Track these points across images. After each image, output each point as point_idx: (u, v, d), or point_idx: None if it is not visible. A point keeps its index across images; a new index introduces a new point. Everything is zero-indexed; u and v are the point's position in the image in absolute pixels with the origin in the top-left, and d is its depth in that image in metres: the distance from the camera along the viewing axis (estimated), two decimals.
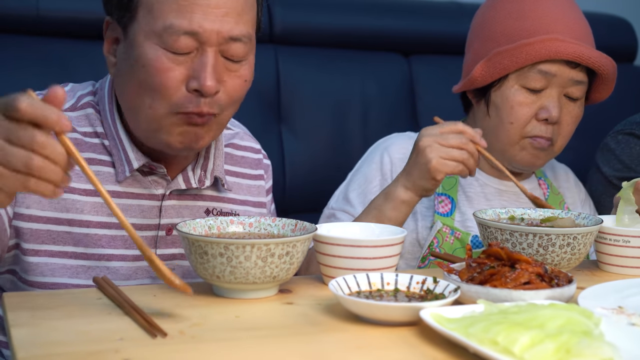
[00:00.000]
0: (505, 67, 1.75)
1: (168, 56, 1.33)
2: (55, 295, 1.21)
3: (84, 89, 1.51)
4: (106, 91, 1.48)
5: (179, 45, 1.32)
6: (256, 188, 1.64)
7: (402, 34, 2.57)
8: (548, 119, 1.74)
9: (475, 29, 1.87)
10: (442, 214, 1.79)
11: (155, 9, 1.32)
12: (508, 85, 1.77)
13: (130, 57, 1.36)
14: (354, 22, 2.55)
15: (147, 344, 1.00)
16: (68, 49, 2.24)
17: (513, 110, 1.76)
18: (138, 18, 1.34)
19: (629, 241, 1.44)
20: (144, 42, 1.33)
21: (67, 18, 2.25)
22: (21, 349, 0.96)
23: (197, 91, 1.34)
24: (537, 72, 1.74)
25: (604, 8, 2.93)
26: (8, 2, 2.20)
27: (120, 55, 1.39)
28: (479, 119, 1.84)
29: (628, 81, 2.79)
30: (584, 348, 0.92)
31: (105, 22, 1.41)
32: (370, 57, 2.53)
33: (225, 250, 1.15)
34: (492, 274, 1.18)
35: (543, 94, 1.76)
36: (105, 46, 1.42)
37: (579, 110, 1.81)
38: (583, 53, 1.72)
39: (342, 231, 1.37)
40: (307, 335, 1.06)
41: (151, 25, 1.33)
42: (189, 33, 1.32)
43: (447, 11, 2.65)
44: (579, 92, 1.78)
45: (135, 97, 1.37)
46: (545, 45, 1.71)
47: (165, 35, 1.32)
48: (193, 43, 1.33)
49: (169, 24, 1.32)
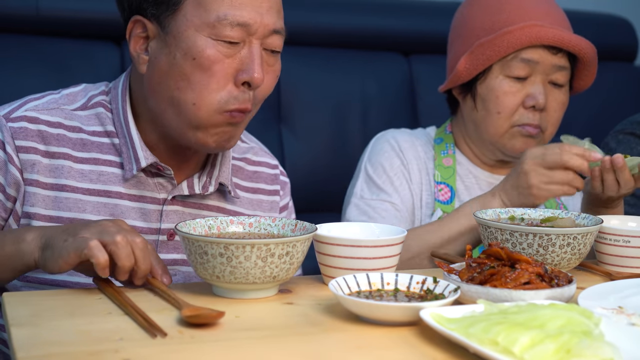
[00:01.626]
0: (489, 57, 1.78)
1: (219, 48, 1.36)
2: (55, 295, 1.21)
3: (96, 89, 1.52)
4: (120, 90, 1.48)
5: (233, 35, 1.36)
6: (269, 203, 1.63)
7: (402, 34, 2.58)
8: (535, 105, 1.78)
9: (456, 28, 1.91)
10: (443, 201, 1.83)
11: (207, 2, 1.36)
12: (492, 76, 1.80)
13: (175, 51, 1.37)
14: (354, 22, 2.55)
15: (147, 344, 1.00)
16: (68, 49, 2.24)
17: (499, 100, 1.79)
18: (184, 12, 1.36)
19: (629, 241, 1.44)
20: (194, 34, 1.36)
21: (67, 18, 2.25)
22: (21, 349, 0.96)
23: (245, 84, 1.38)
24: (520, 60, 1.77)
25: (604, 8, 2.93)
26: (8, 2, 2.20)
27: (155, 51, 1.40)
28: (467, 114, 1.88)
29: (628, 81, 2.79)
30: (584, 348, 0.92)
31: (131, 22, 1.41)
32: (370, 57, 2.53)
33: (225, 250, 1.15)
34: (492, 274, 1.18)
35: (528, 82, 1.79)
36: (132, 45, 1.42)
37: (565, 97, 1.84)
38: (563, 37, 1.76)
39: (342, 231, 1.37)
40: (307, 335, 1.06)
41: (203, 17, 1.35)
42: (241, 24, 1.36)
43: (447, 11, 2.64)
44: (563, 77, 1.81)
45: (177, 92, 1.38)
46: (525, 32, 1.75)
47: (219, 27, 1.35)
48: (242, 35, 1.37)
49: (223, 14, 1.35)
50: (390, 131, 1.97)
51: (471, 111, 1.86)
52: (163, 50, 1.39)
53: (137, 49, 1.42)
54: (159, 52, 1.39)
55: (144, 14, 1.40)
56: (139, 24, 1.41)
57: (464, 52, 1.83)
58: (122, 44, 2.32)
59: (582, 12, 2.64)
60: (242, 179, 1.60)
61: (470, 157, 1.93)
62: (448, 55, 1.93)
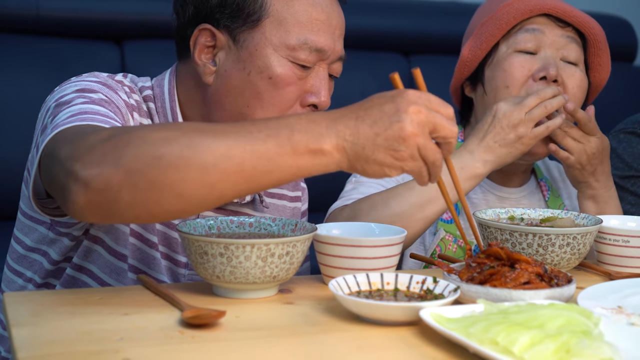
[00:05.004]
0: (492, 34, 1.73)
1: (295, 71, 1.38)
2: (56, 295, 1.21)
3: (144, 82, 1.48)
4: (166, 89, 1.45)
5: (309, 59, 1.38)
6: (291, 210, 1.63)
7: (402, 34, 2.58)
8: (546, 76, 1.67)
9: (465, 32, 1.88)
10: (446, 220, 1.75)
11: (289, 24, 1.37)
12: (500, 52, 1.73)
13: (250, 67, 1.37)
14: (354, 22, 2.54)
15: (147, 344, 1.00)
16: (68, 49, 2.25)
17: (507, 73, 1.70)
18: (263, 30, 1.36)
19: (628, 241, 1.44)
20: (272, 54, 1.36)
21: (67, 18, 2.26)
22: (22, 349, 0.96)
23: (311, 106, 1.40)
24: (525, 31, 1.71)
25: (604, 8, 2.93)
26: (8, 2, 2.21)
27: (225, 64, 1.38)
28: (479, 107, 1.79)
29: (628, 81, 2.80)
30: (584, 348, 0.92)
31: (197, 30, 1.39)
32: (370, 57, 2.53)
33: (225, 250, 1.15)
34: (492, 273, 1.18)
35: (538, 57, 1.71)
36: (197, 53, 1.39)
37: (582, 76, 1.73)
38: (565, 7, 1.71)
39: (342, 231, 1.37)
40: (307, 335, 1.06)
41: (283, 38, 1.36)
42: (319, 50, 1.38)
43: (447, 11, 2.65)
44: (574, 52, 1.72)
45: (246, 109, 1.38)
46: (524, 2, 1.71)
47: (299, 50, 1.37)
48: (316, 60, 1.39)
49: (304, 39, 1.37)
50: None
51: (482, 99, 1.76)
52: (236, 65, 1.38)
53: (203, 58, 1.40)
54: (231, 65, 1.38)
55: (214, 23, 1.38)
56: (206, 32, 1.39)
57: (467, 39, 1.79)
58: (122, 44, 2.32)
59: None
60: None
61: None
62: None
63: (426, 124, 1.09)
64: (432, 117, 1.09)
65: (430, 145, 1.10)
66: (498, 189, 1.83)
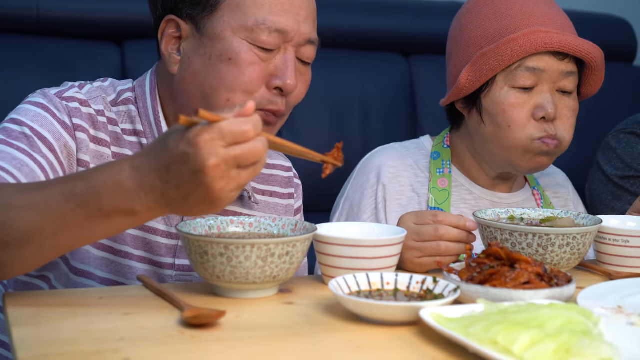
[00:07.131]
0: (492, 67, 1.69)
1: (255, 51, 1.37)
2: (56, 295, 1.21)
3: (124, 85, 1.50)
4: (147, 88, 1.46)
5: (269, 41, 1.37)
6: (284, 207, 1.62)
7: (402, 34, 2.58)
8: (545, 116, 1.68)
9: (454, 37, 1.81)
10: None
11: (247, 5, 1.36)
12: (497, 87, 1.70)
13: (210, 52, 1.37)
14: (354, 22, 2.55)
15: (147, 344, 1.00)
16: (68, 49, 2.25)
17: (507, 114, 1.69)
18: (221, 13, 1.37)
19: (628, 241, 1.44)
20: (231, 36, 1.36)
21: (67, 18, 2.26)
22: (22, 349, 0.96)
23: (277, 89, 1.39)
24: (525, 69, 1.68)
25: (604, 8, 2.93)
26: (8, 2, 2.21)
27: (189, 51, 1.39)
28: (474, 128, 1.78)
29: (628, 81, 2.80)
30: (584, 348, 0.92)
31: (164, 21, 1.41)
32: (370, 57, 2.53)
33: (226, 250, 1.15)
34: (492, 273, 1.18)
35: (535, 92, 1.69)
36: (164, 45, 1.41)
37: (575, 104, 1.74)
38: (569, 42, 1.66)
39: (342, 231, 1.37)
40: (307, 335, 1.06)
41: (241, 20, 1.36)
42: (279, 31, 1.37)
43: (447, 11, 2.65)
44: (571, 84, 1.72)
45: (210, 90, 1.38)
46: (529, 39, 1.66)
47: (258, 31, 1.36)
48: (279, 41, 1.38)
49: (262, 19, 1.36)
50: (379, 155, 1.86)
51: (478, 125, 1.75)
52: (198, 51, 1.38)
53: (169, 49, 1.41)
54: (193, 52, 1.39)
55: (178, 13, 1.40)
56: (172, 23, 1.40)
57: (465, 64, 1.74)
58: (122, 44, 2.32)
59: (580, 13, 2.64)
60: (257, 182, 1.59)
61: (472, 172, 1.84)
62: (448, 66, 1.84)
63: (229, 171, 1.04)
64: (232, 158, 1.03)
65: (243, 178, 1.06)
66: (490, 194, 1.83)
